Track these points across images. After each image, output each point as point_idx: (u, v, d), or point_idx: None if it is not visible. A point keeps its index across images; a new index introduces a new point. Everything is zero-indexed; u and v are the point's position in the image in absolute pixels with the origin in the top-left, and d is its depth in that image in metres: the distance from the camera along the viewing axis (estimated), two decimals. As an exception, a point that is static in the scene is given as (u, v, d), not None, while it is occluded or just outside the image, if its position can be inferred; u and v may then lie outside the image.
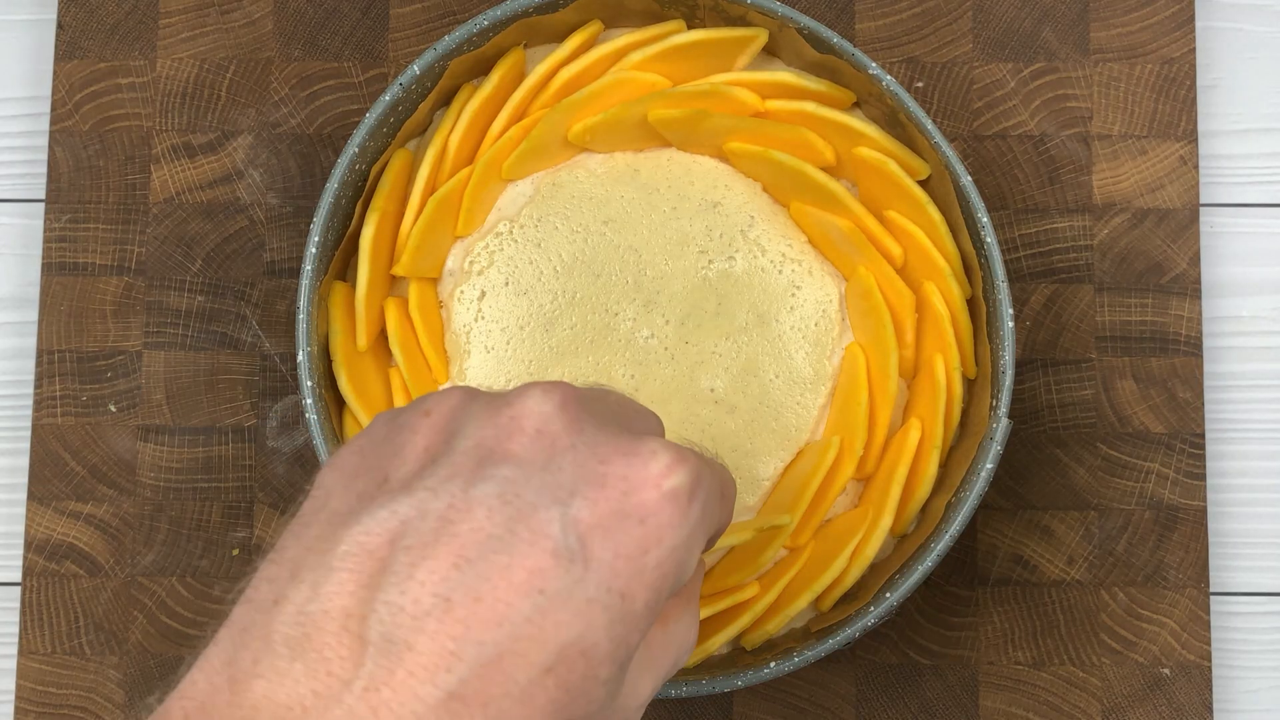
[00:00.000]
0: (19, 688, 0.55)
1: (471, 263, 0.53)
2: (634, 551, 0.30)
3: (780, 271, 0.52)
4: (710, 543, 0.35)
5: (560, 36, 0.53)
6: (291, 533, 0.30)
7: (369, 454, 0.32)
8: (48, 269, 0.57)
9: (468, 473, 0.30)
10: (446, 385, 0.33)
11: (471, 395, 0.32)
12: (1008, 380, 0.49)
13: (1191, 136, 0.57)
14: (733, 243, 0.52)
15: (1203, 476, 0.56)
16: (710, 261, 0.52)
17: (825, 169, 0.52)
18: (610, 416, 0.33)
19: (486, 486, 0.29)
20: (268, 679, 0.27)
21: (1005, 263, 0.50)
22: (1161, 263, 0.57)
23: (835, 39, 0.50)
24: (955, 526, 0.48)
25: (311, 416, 0.49)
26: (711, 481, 0.32)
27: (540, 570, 0.28)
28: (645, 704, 0.34)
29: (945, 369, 0.50)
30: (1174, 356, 0.57)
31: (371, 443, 0.32)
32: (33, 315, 0.58)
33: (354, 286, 0.51)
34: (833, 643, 0.48)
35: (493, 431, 0.31)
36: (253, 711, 0.26)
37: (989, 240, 0.49)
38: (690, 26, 0.52)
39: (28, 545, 0.56)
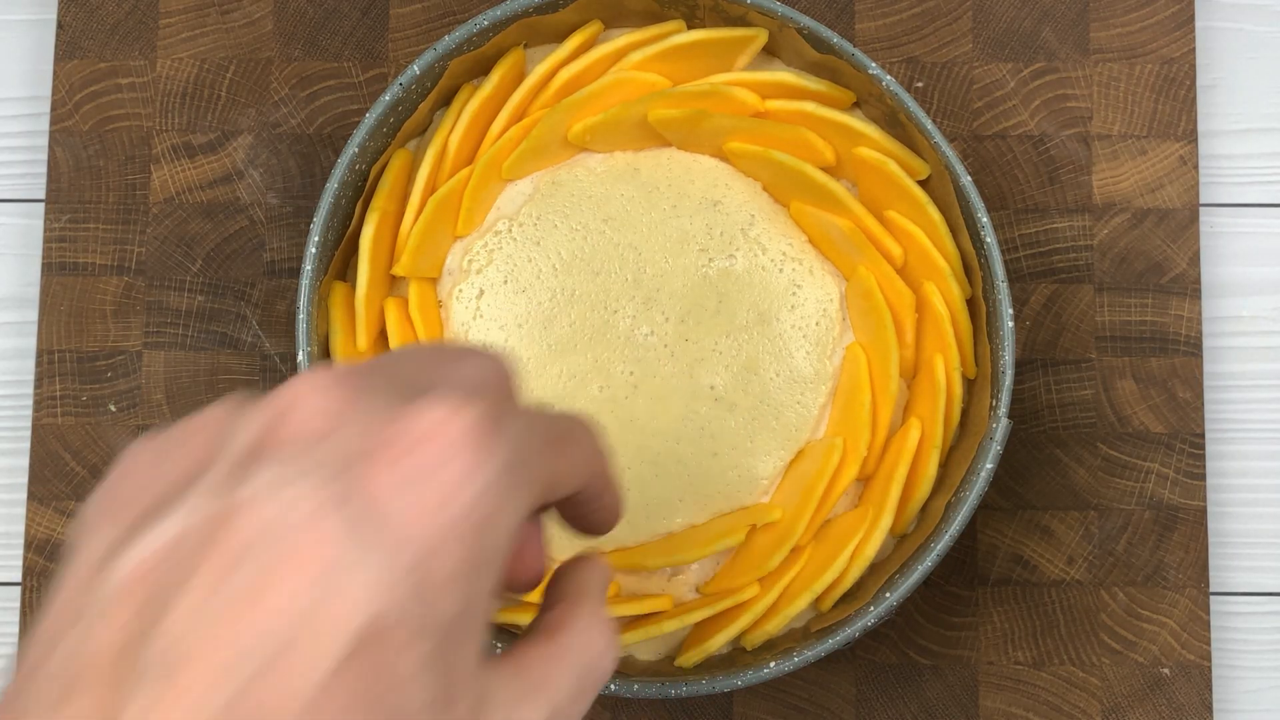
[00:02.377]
0: (18, 688, 0.55)
1: (470, 261, 0.53)
2: (423, 513, 0.26)
3: (781, 270, 0.52)
4: (585, 505, 0.32)
5: (560, 37, 0.53)
6: (57, 588, 0.27)
7: (125, 489, 0.28)
8: (48, 269, 0.57)
9: (239, 472, 0.27)
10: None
11: (240, 401, 0.29)
12: (1007, 380, 0.49)
13: (1191, 136, 0.57)
14: (733, 241, 0.52)
15: (1203, 476, 0.56)
16: (710, 260, 0.52)
17: (825, 169, 0.52)
18: (398, 382, 0.29)
19: (258, 480, 0.26)
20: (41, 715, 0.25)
21: (1005, 263, 0.50)
22: (1161, 263, 0.57)
23: (835, 39, 0.50)
24: (955, 526, 0.48)
25: (311, 416, 0.49)
26: (522, 429, 0.29)
27: (323, 552, 0.25)
28: None
29: (945, 369, 0.50)
30: (1174, 356, 0.57)
31: (123, 476, 0.29)
32: (33, 315, 0.58)
33: (354, 286, 0.51)
34: (833, 643, 0.48)
35: (260, 426, 0.28)
36: None
37: (989, 240, 0.49)
38: (690, 27, 0.52)
39: (28, 545, 0.56)
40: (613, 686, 0.46)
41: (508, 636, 0.46)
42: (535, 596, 0.48)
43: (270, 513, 0.26)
